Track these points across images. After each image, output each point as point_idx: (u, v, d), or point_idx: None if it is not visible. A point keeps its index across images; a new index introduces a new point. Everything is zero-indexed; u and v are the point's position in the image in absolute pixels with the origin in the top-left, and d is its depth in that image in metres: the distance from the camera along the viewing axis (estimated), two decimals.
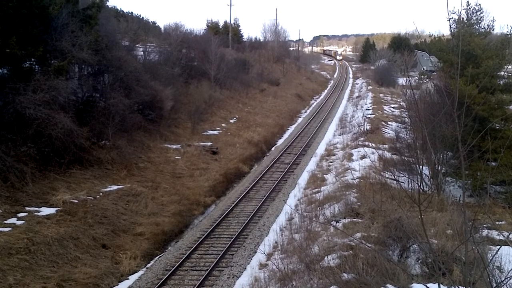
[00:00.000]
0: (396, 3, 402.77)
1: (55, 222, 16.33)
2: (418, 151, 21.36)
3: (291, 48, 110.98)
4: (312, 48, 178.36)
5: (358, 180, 21.06)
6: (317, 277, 10.91)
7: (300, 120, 48.33)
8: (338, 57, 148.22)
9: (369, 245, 10.91)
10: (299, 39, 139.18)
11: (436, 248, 10.28)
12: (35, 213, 16.53)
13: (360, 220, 15.17)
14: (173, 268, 15.50)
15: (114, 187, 20.98)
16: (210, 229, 18.89)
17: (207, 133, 34.39)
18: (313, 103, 61.26)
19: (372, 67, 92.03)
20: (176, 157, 27.67)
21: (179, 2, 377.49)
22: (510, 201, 19.66)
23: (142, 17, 63.26)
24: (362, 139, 32.10)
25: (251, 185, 24.89)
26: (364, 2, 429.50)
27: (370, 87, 67.10)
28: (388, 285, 9.37)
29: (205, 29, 66.87)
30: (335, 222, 15.75)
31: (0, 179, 17.47)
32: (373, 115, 42.53)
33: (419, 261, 11.50)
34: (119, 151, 24.04)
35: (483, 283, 6.04)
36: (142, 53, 37.02)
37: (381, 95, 59.35)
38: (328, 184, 22.80)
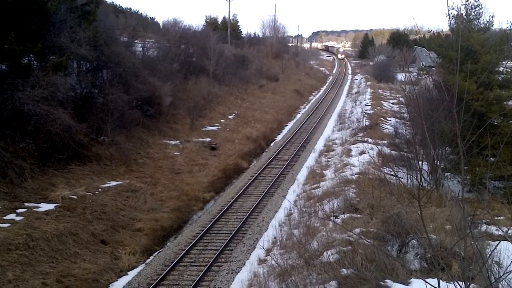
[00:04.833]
0: None
1: (54, 218, 16.33)
2: (417, 147, 21.37)
3: (290, 44, 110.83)
4: (311, 44, 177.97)
5: (357, 175, 21.08)
6: (316, 272, 10.93)
7: (299, 116, 48.30)
8: (339, 56, 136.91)
9: (368, 240, 10.93)
10: (298, 35, 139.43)
11: (435, 243, 10.30)
12: (34, 209, 16.53)
13: (359, 215, 15.19)
14: (172, 264, 15.52)
15: (113, 183, 20.97)
16: (209, 225, 18.90)
17: (206, 129, 34.37)
18: (312, 99, 61.25)
19: (371, 63, 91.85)
20: (175, 153, 27.67)
21: None
22: (508, 196, 19.68)
23: (141, 13, 63.43)
24: (361, 134, 32.11)
25: (250, 181, 24.90)
26: None
27: (369, 83, 67.04)
28: (387, 280, 9.40)
29: (203, 25, 66.80)
30: (334, 217, 15.77)
31: None
32: (372, 111, 42.51)
33: (418, 257, 11.53)
34: (118, 147, 24.02)
35: (482, 278, 6.06)
36: (140, 49, 36.96)
37: (380, 90, 59.30)
38: (327, 179, 22.82)
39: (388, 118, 39.97)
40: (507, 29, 26.00)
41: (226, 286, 14.20)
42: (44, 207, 16.92)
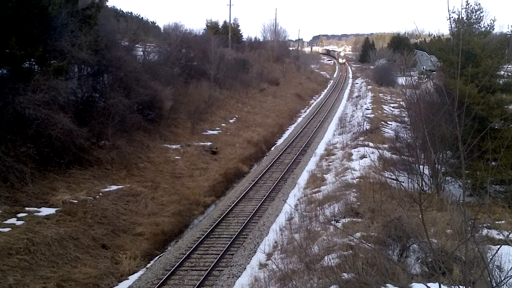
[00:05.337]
0: (395, 3, 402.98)
1: (55, 222, 16.32)
2: (418, 151, 21.37)
3: (291, 48, 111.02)
4: (312, 48, 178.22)
5: (358, 179, 21.05)
6: (317, 276, 10.91)
7: (299, 119, 48.32)
8: (341, 60, 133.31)
9: (369, 244, 10.91)
10: (299, 39, 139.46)
11: (436, 247, 10.28)
12: (35, 213, 16.52)
13: (360, 219, 15.17)
14: (173, 268, 15.49)
15: (114, 187, 20.96)
16: (210, 229, 18.87)
17: (207, 133, 34.37)
18: (312, 103, 61.27)
19: (371, 67, 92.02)
20: (176, 157, 27.66)
21: (178, 2, 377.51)
22: (509, 200, 19.65)
23: (142, 17, 63.53)
24: (361, 138, 32.11)
25: (251, 185, 24.87)
26: (364, 1, 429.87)
27: (369, 87, 67.10)
28: (388, 284, 9.37)
29: (204, 29, 66.85)
30: (335, 221, 15.74)
31: (0, 179, 17.46)
32: (372, 115, 42.52)
33: (419, 261, 11.51)
34: (118, 151, 24.02)
35: (483, 282, 6.04)
36: (141, 53, 37.01)
37: (380, 94, 59.36)
38: (328, 183, 22.78)
39: (389, 122, 39.99)
40: (508, 33, 26.07)
41: None
42: (45, 211, 16.91)
